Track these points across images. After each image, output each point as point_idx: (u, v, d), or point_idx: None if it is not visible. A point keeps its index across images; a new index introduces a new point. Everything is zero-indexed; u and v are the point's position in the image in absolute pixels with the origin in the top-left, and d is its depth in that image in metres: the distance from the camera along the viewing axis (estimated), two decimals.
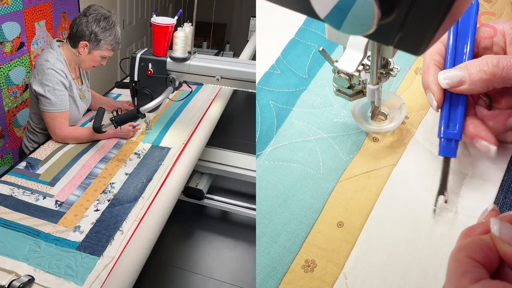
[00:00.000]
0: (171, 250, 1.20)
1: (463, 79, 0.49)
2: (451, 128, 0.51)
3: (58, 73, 1.23)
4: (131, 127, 1.32)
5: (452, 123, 0.51)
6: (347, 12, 0.33)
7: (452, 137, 0.50)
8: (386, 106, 0.60)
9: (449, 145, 0.51)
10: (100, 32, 1.24)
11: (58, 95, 1.24)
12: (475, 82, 0.48)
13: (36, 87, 1.22)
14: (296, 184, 0.57)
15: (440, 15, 0.31)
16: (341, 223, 0.53)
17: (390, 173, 0.56)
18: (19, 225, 0.93)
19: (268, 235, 0.53)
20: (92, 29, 1.23)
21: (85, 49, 1.27)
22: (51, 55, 1.25)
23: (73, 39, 1.26)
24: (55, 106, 1.24)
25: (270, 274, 0.50)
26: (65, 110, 1.27)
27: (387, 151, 0.58)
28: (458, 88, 0.49)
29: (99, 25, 1.23)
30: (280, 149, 0.60)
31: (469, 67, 0.49)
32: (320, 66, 0.69)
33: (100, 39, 1.25)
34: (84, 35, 1.24)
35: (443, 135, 0.51)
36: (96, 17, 1.23)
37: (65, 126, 1.27)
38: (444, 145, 0.51)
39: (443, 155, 0.51)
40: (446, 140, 0.51)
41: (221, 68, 1.12)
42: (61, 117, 1.26)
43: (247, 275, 1.15)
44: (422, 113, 0.61)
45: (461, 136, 0.51)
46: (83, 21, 1.23)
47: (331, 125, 0.62)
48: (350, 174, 0.57)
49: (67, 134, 1.27)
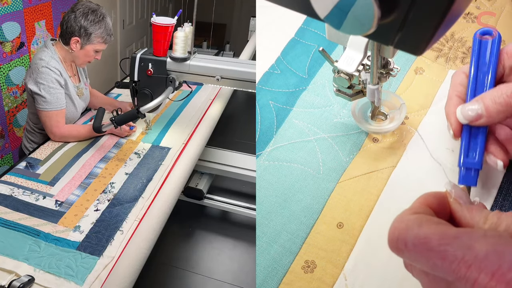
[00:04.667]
0: (171, 250, 1.20)
1: (480, 113, 0.48)
2: (471, 158, 0.50)
3: (52, 71, 1.23)
4: (129, 128, 1.32)
5: (472, 152, 0.51)
6: (347, 12, 0.32)
7: (472, 166, 0.50)
8: (386, 106, 0.60)
9: (468, 174, 0.50)
10: (90, 25, 1.24)
11: (53, 93, 1.24)
12: (492, 115, 0.47)
13: (32, 86, 1.23)
14: (296, 185, 0.56)
15: (440, 15, 0.31)
16: (341, 224, 0.53)
17: (390, 174, 0.56)
18: (19, 225, 0.93)
19: (268, 235, 0.53)
20: (81, 23, 1.23)
21: (77, 45, 1.27)
22: (45, 53, 1.25)
23: (64, 36, 1.27)
24: (50, 105, 1.24)
25: (270, 275, 0.50)
26: (61, 108, 1.27)
27: (387, 152, 0.58)
28: (476, 122, 0.49)
29: (87, 19, 1.23)
30: (280, 149, 0.60)
31: (484, 99, 0.48)
32: (320, 66, 0.69)
33: (90, 32, 1.25)
34: (74, 31, 1.24)
35: (463, 164, 0.50)
36: (83, 12, 1.23)
37: (61, 125, 1.27)
38: (464, 174, 0.51)
39: (463, 184, 0.51)
40: (466, 169, 0.51)
41: (221, 68, 1.12)
42: (58, 116, 1.26)
43: (247, 275, 1.15)
44: (422, 113, 0.61)
45: (481, 165, 0.50)
46: (71, 17, 1.23)
47: (331, 125, 0.62)
48: (350, 175, 0.57)
49: (64, 132, 1.27)
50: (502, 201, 0.52)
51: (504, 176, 0.53)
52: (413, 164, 0.56)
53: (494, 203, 0.52)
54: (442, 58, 0.68)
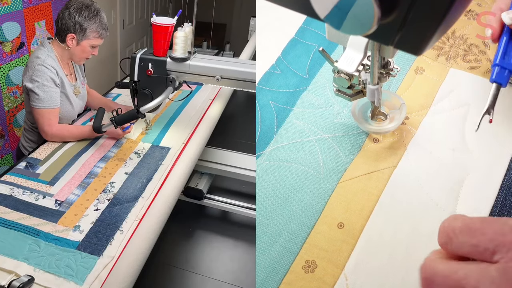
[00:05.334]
0: (171, 250, 1.20)
1: None
2: (507, 59, 0.53)
3: (48, 69, 1.23)
4: (122, 130, 1.30)
5: (508, 56, 0.53)
6: (347, 12, 0.32)
7: (507, 66, 0.53)
8: (386, 106, 0.60)
9: (502, 73, 0.53)
10: (84, 21, 1.24)
11: (47, 91, 1.24)
12: None
13: (27, 83, 1.23)
14: (296, 185, 0.56)
15: (440, 15, 0.30)
16: (341, 224, 0.53)
17: (390, 174, 0.56)
18: (19, 225, 0.93)
19: (268, 235, 0.53)
20: (75, 19, 1.23)
21: (73, 41, 1.27)
22: (42, 51, 1.26)
23: (60, 33, 1.27)
24: (43, 102, 1.24)
25: (271, 275, 0.50)
26: (55, 107, 1.27)
27: (388, 152, 0.58)
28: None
29: (81, 14, 1.24)
30: (280, 149, 0.60)
31: None
32: (320, 66, 0.68)
33: (85, 28, 1.25)
34: (69, 27, 1.24)
35: (499, 63, 0.53)
36: (77, 7, 1.24)
37: (54, 123, 1.26)
38: (498, 72, 0.53)
39: (494, 82, 0.54)
40: (501, 68, 0.53)
41: (221, 68, 1.12)
42: (50, 114, 1.26)
43: (247, 276, 1.15)
44: (422, 114, 0.61)
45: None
46: (65, 14, 1.24)
47: (331, 125, 0.62)
48: (350, 175, 0.57)
49: (55, 132, 1.26)
50: (504, 200, 0.52)
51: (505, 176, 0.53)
52: (414, 164, 0.56)
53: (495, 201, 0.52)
54: (443, 57, 0.68)
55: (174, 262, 1.16)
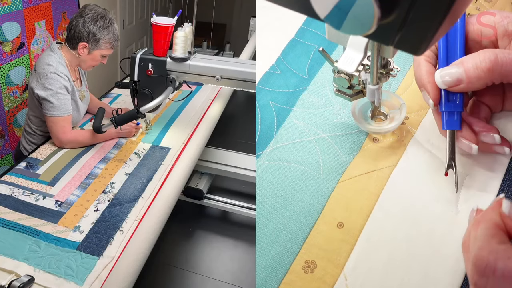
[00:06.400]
0: (171, 250, 1.20)
1: (460, 78, 0.47)
2: (452, 101, 0.50)
3: (61, 77, 1.23)
4: (134, 124, 1.32)
5: (452, 96, 0.50)
6: (347, 12, 0.32)
7: (453, 109, 0.50)
8: (386, 106, 0.60)
9: (451, 118, 0.51)
10: (98, 31, 1.24)
11: (61, 99, 1.24)
12: (473, 80, 0.46)
13: (39, 91, 1.22)
14: (296, 185, 0.56)
15: (440, 15, 0.31)
16: (341, 224, 0.53)
17: (390, 174, 0.56)
18: (19, 225, 0.93)
19: (268, 235, 0.53)
20: (90, 29, 1.23)
21: (84, 50, 1.26)
22: (53, 58, 1.24)
23: (71, 41, 1.26)
24: (58, 110, 1.23)
25: (270, 275, 0.50)
26: (68, 114, 1.26)
27: (387, 151, 0.58)
28: (455, 87, 0.48)
29: (96, 24, 1.23)
30: (280, 149, 0.60)
31: (465, 64, 0.46)
32: (320, 66, 0.69)
33: (99, 38, 1.25)
34: (83, 36, 1.23)
35: (445, 108, 0.50)
36: (92, 17, 1.23)
37: (68, 130, 1.26)
38: (447, 119, 0.51)
39: (447, 129, 0.51)
40: (448, 114, 0.51)
41: (221, 68, 1.12)
42: (64, 121, 1.26)
43: (247, 275, 1.15)
44: (422, 114, 0.61)
45: (463, 108, 0.50)
46: (80, 22, 1.23)
47: (331, 125, 0.62)
48: (350, 175, 0.57)
49: (70, 138, 1.26)
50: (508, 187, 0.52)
51: (505, 175, 0.53)
52: (413, 164, 0.56)
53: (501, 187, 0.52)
54: None
55: (174, 262, 1.16)
